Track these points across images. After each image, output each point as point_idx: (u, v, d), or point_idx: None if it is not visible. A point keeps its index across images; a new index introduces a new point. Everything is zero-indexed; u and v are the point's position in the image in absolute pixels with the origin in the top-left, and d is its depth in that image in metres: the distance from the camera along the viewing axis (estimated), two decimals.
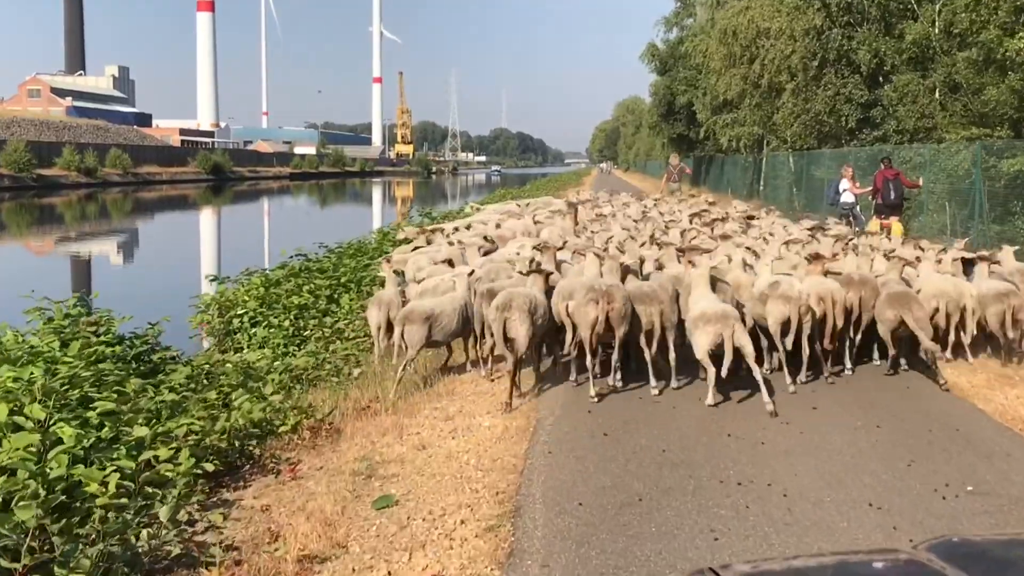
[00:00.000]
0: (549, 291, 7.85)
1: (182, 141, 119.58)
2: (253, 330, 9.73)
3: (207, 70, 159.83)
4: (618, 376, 7.82)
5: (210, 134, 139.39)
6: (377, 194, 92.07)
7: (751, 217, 15.83)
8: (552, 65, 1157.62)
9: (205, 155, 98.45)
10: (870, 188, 17.43)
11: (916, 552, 2.05)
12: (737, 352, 7.08)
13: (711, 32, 35.68)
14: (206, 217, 60.34)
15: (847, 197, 17.76)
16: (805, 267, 8.63)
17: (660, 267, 8.96)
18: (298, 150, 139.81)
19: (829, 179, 20.15)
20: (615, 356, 7.71)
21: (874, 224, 15.83)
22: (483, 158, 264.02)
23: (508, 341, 7.09)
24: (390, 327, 7.95)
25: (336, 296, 10.57)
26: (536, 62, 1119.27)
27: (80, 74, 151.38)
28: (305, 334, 9.49)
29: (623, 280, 8.01)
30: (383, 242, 14.91)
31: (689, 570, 2.63)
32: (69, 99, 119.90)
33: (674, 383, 7.72)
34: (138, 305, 11.21)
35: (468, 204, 22.39)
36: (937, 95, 22.31)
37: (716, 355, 7.06)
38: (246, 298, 10.23)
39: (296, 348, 9.24)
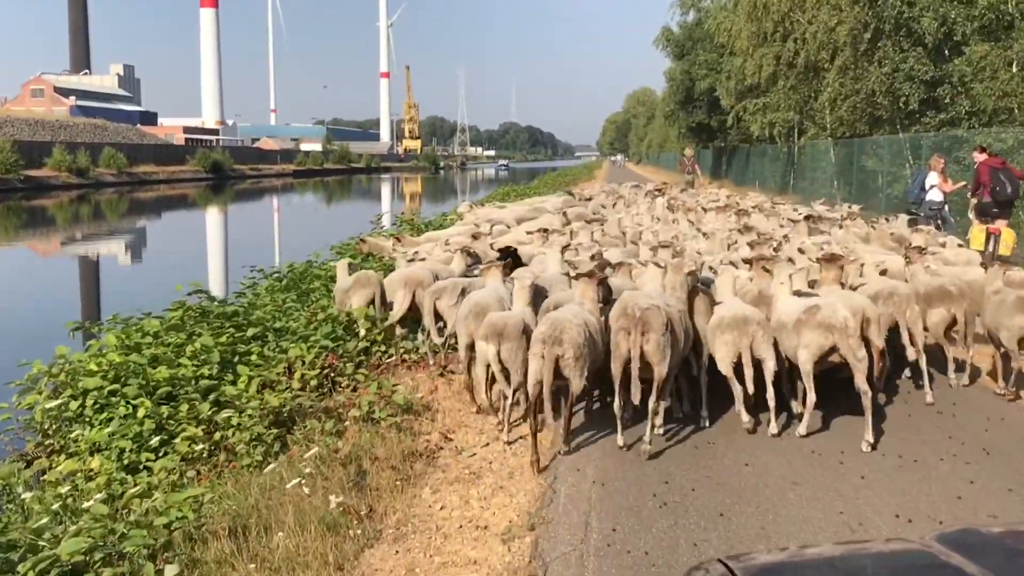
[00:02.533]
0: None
1: (186, 139, 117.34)
2: (79, 431, 6.20)
3: (211, 67, 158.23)
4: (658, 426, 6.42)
5: (215, 132, 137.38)
6: (380, 191, 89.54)
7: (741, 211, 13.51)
8: (561, 57, 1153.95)
9: (204, 153, 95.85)
10: (963, 183, 13.88)
11: (926, 542, 2.05)
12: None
13: (737, 9, 32.05)
14: (198, 218, 57.74)
15: (935, 195, 14.13)
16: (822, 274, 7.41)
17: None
18: (305, 147, 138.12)
19: (913, 173, 16.46)
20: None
21: (977, 231, 12.21)
22: (492, 152, 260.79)
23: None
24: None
25: (234, 360, 7.14)
26: (545, 55, 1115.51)
27: (85, 73, 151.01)
28: (172, 429, 6.05)
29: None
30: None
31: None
32: (73, 98, 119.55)
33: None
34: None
35: (458, 207, 18.91)
36: (1015, 68, 18.70)
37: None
38: (93, 367, 6.84)
39: (153, 456, 5.83)
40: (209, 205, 67.94)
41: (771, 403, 6.34)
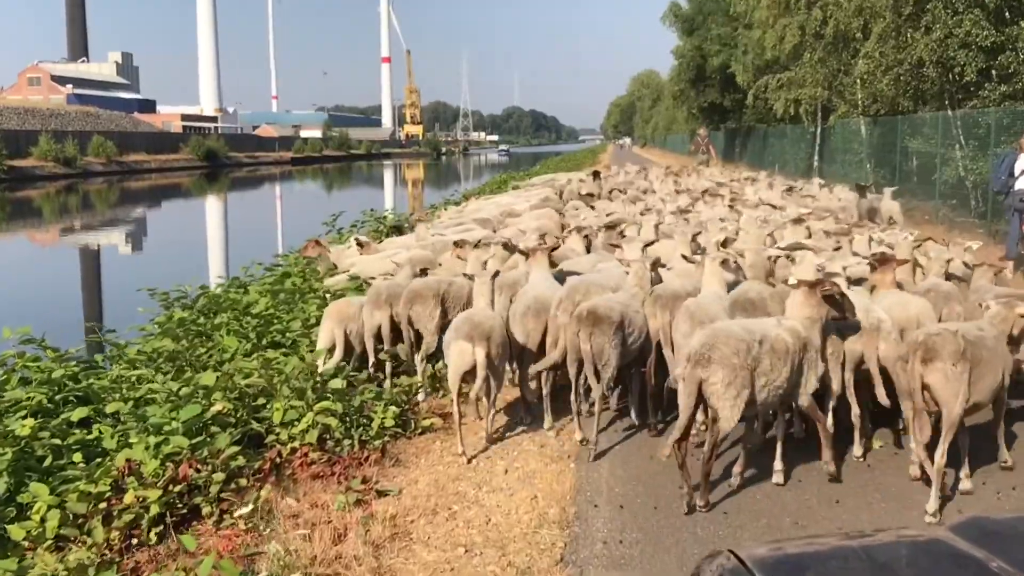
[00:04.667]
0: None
1: (184, 127, 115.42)
2: None
3: (209, 54, 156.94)
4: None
5: (213, 119, 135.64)
6: (381, 177, 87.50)
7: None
8: (564, 41, 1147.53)
9: (198, 141, 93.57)
10: None
11: (939, 531, 2.09)
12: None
13: None
14: (184, 208, 55.63)
15: None
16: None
17: None
18: (305, 133, 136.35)
19: (1001, 155, 13.69)
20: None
21: None
22: (495, 137, 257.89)
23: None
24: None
25: (43, 466, 4.36)
26: (548, 39, 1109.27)
27: (83, 61, 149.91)
28: None
29: None
30: (275, 282, 8.56)
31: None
32: (70, 86, 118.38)
33: None
34: None
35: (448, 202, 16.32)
36: None
37: None
38: None
39: None
40: (199, 195, 66.03)
41: (825, 435, 5.35)
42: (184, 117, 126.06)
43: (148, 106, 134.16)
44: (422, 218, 10.70)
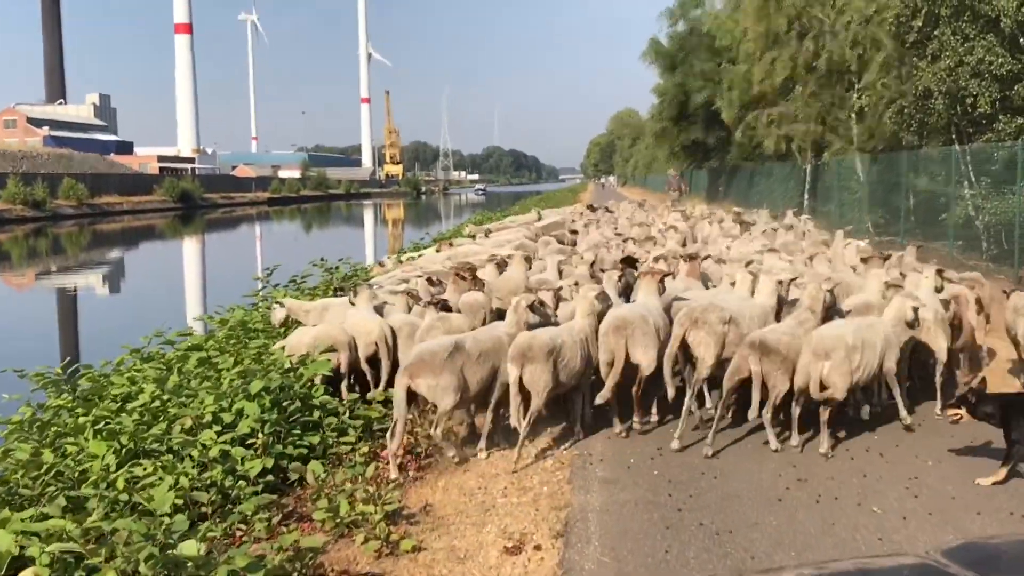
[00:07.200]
0: None
1: (160, 168, 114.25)
2: None
3: (187, 95, 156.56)
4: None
5: (191, 160, 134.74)
6: (357, 217, 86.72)
7: None
8: (544, 80, 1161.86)
9: (172, 182, 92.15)
10: None
11: (931, 556, 2.03)
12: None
13: (739, 10, 28.16)
14: (154, 252, 53.89)
15: None
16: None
17: None
18: (284, 174, 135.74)
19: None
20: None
21: None
22: (475, 177, 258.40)
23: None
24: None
25: None
26: (528, 78, 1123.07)
27: (60, 103, 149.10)
28: None
29: None
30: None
31: None
32: (46, 128, 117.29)
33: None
34: None
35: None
36: None
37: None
38: None
39: None
40: (171, 237, 64.69)
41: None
42: (161, 158, 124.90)
43: (125, 147, 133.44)
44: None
